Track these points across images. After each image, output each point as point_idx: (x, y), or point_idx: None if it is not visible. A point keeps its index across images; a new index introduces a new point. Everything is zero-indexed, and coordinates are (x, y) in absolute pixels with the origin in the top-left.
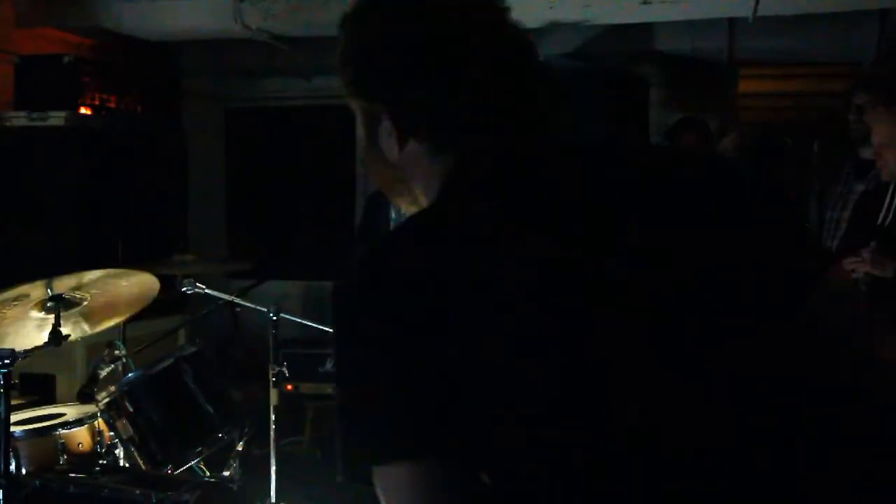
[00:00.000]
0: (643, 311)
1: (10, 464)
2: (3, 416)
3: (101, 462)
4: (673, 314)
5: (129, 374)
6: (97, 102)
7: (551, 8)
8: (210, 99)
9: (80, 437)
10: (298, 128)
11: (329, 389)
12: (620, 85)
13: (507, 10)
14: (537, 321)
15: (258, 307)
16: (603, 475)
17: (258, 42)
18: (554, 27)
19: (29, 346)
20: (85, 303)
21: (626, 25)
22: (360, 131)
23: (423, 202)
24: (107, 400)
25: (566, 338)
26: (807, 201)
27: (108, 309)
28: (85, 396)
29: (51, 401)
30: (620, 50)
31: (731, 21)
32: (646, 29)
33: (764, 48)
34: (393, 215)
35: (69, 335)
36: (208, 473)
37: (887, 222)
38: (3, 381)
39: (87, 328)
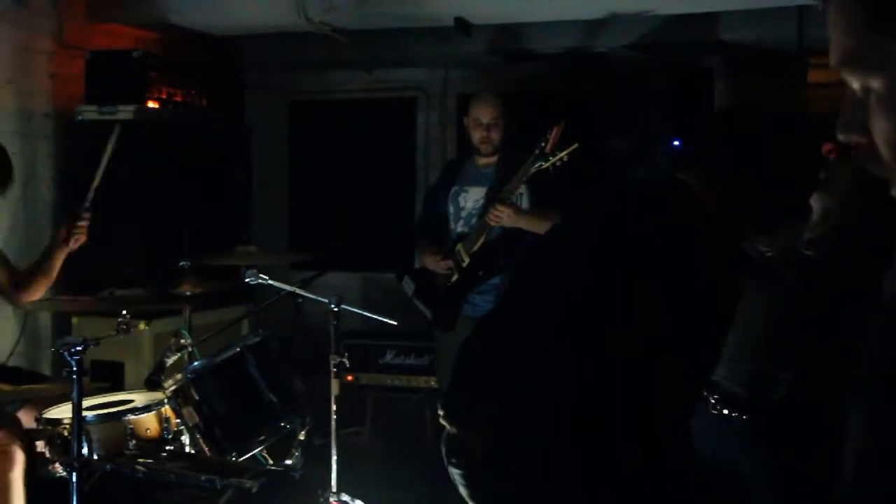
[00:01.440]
0: None
1: (82, 447)
2: (76, 401)
3: (167, 448)
4: None
5: (195, 363)
6: (164, 96)
7: None
8: (273, 91)
9: (148, 423)
10: (360, 120)
11: (388, 381)
12: (683, 76)
13: None
14: None
15: (320, 298)
16: None
17: (320, 35)
18: (615, 18)
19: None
20: None
21: (689, 15)
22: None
23: None
24: (173, 387)
25: None
26: None
27: None
28: (152, 384)
29: (120, 388)
30: (684, 40)
31: (801, 9)
32: (710, 18)
33: None
34: (451, 209)
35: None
36: (271, 462)
37: None
38: (77, 367)
39: None
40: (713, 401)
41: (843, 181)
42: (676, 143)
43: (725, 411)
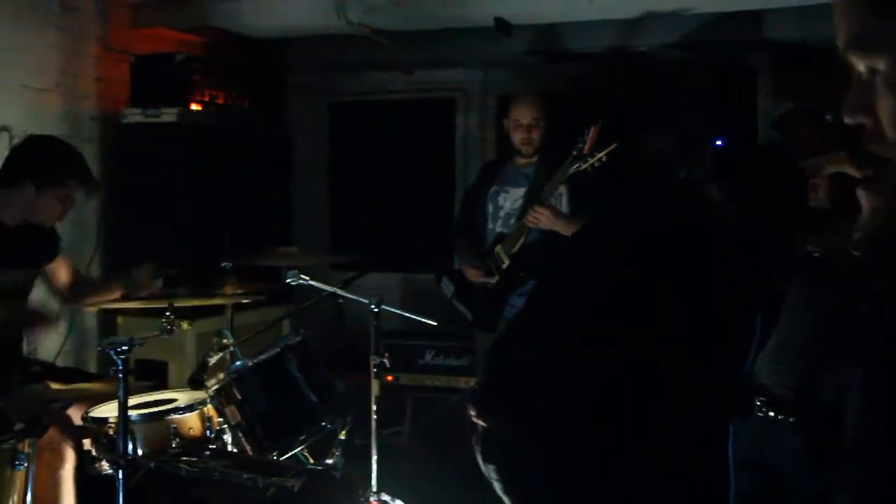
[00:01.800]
0: None
1: (128, 445)
2: (122, 399)
3: (210, 446)
4: None
5: (237, 363)
6: (207, 99)
7: None
8: (313, 93)
9: (191, 422)
10: (400, 121)
11: (428, 381)
12: (725, 75)
13: None
14: None
15: (360, 299)
16: None
17: (360, 36)
18: (655, 17)
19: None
20: None
21: (730, 13)
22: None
23: None
24: (216, 387)
25: None
26: None
27: None
28: (195, 383)
29: (163, 387)
30: (725, 38)
31: None
32: (752, 16)
33: None
34: (490, 209)
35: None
36: (312, 461)
37: None
38: (123, 366)
39: None
40: (759, 403)
41: (891, 179)
42: (718, 142)
43: (771, 413)
